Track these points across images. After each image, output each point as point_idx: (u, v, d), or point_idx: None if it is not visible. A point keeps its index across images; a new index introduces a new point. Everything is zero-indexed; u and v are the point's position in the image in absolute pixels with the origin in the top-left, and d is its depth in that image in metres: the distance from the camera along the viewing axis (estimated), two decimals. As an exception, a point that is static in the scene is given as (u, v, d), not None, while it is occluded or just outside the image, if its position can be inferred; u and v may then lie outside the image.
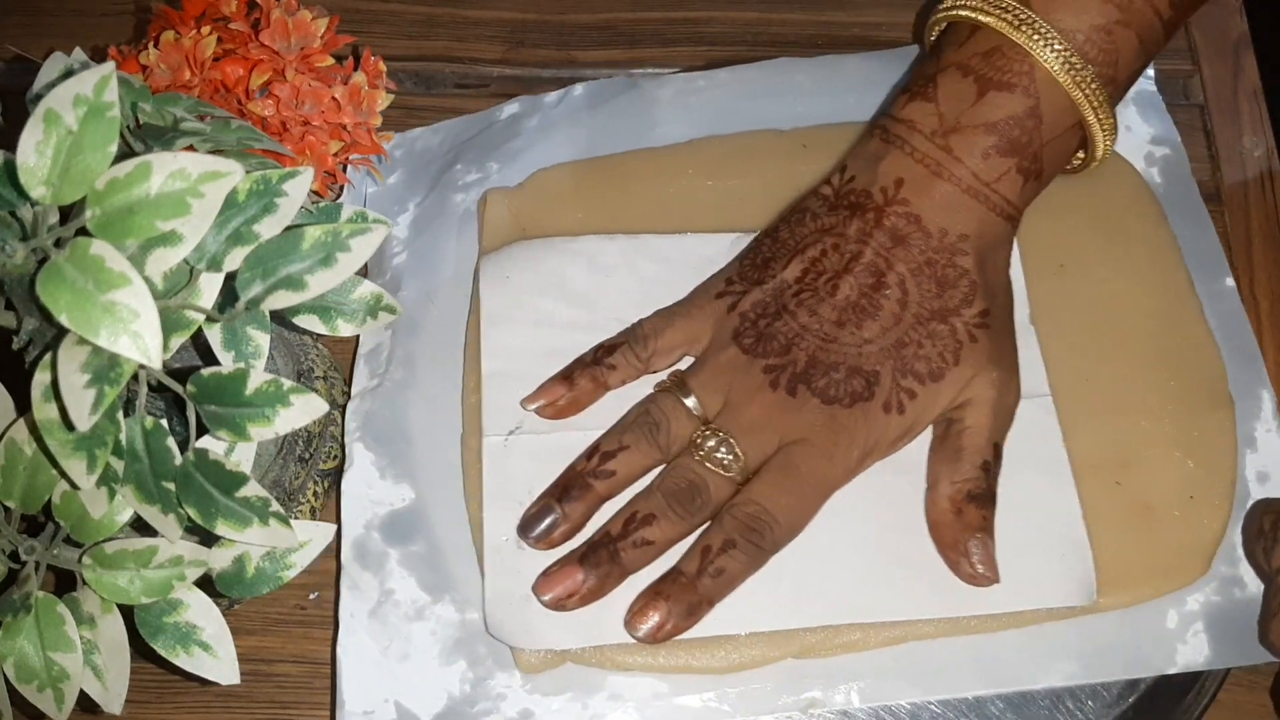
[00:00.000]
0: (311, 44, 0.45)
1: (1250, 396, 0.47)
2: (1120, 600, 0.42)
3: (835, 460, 0.41)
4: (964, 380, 0.42)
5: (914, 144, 0.42)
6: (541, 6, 0.59)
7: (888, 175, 0.43)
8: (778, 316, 0.42)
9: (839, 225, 0.43)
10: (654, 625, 0.39)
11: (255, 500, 0.33)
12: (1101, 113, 0.42)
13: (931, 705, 0.42)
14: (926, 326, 0.41)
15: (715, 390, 0.42)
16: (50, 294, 0.27)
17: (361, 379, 0.48)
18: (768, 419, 0.41)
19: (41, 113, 0.28)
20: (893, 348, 0.41)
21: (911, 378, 0.41)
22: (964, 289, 0.42)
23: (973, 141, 0.42)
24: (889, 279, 0.42)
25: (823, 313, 0.42)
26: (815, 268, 0.43)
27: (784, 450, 0.41)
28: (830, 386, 0.41)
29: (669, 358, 0.44)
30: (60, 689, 0.32)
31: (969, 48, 0.43)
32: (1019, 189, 0.42)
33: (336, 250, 0.33)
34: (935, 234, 0.42)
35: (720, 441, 0.41)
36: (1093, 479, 0.44)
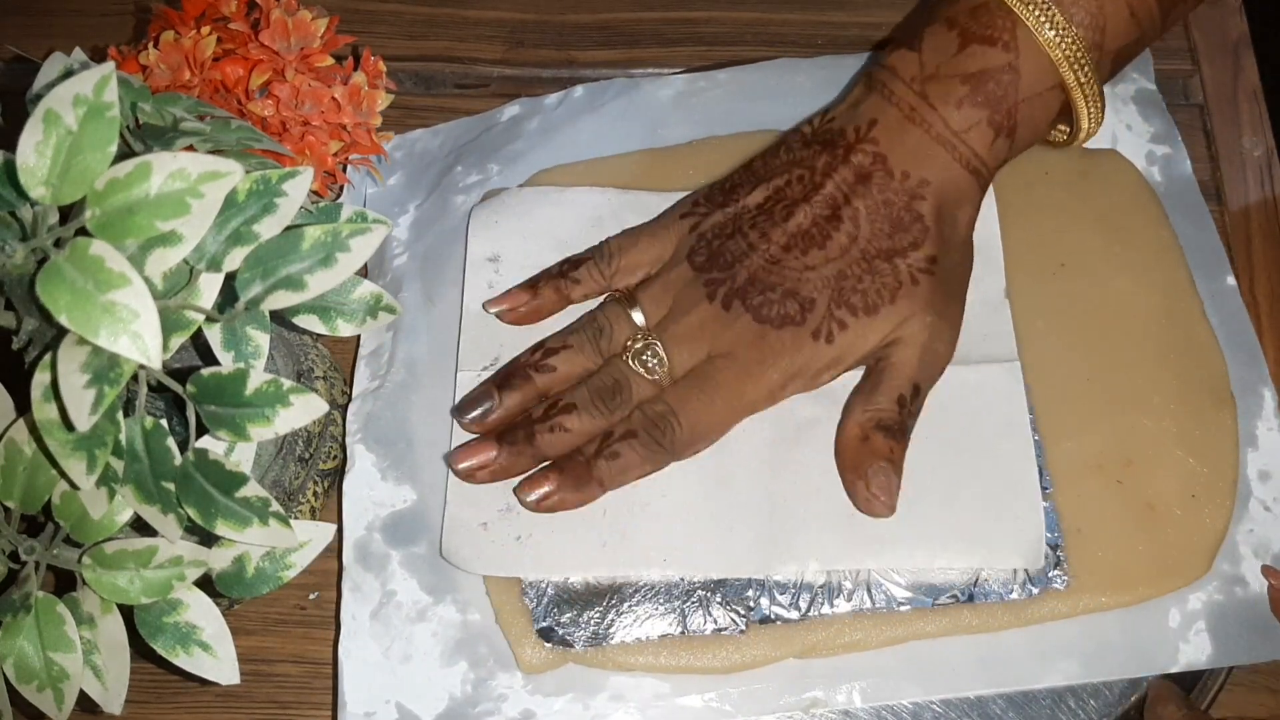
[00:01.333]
0: (311, 44, 0.45)
1: (1252, 395, 0.46)
2: (1122, 599, 0.42)
3: (754, 378, 0.42)
4: (897, 320, 0.42)
5: (893, 89, 0.43)
6: (541, 6, 0.59)
7: (863, 116, 0.43)
8: (730, 237, 0.43)
9: (808, 159, 0.44)
10: (542, 494, 0.41)
11: (255, 500, 0.33)
12: (1084, 78, 0.42)
13: (933, 705, 0.42)
14: (871, 263, 0.42)
15: (661, 303, 0.44)
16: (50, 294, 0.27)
17: (362, 380, 0.48)
18: (699, 330, 0.42)
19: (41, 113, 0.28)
20: (834, 278, 0.42)
21: (845, 309, 0.42)
22: (915, 232, 0.42)
23: (948, 90, 0.42)
24: (844, 213, 0.42)
25: (773, 236, 0.42)
26: (777, 195, 0.43)
27: (708, 361, 0.42)
28: (764, 305, 0.42)
29: (632, 275, 0.46)
30: (60, 689, 0.32)
31: (960, 3, 0.43)
32: (989, 143, 0.42)
33: (336, 250, 0.33)
34: (898, 176, 0.42)
35: (647, 346, 0.42)
36: (1095, 478, 0.44)
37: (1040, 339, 0.47)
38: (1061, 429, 0.45)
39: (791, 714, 0.42)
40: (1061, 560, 0.43)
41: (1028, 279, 0.48)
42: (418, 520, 0.45)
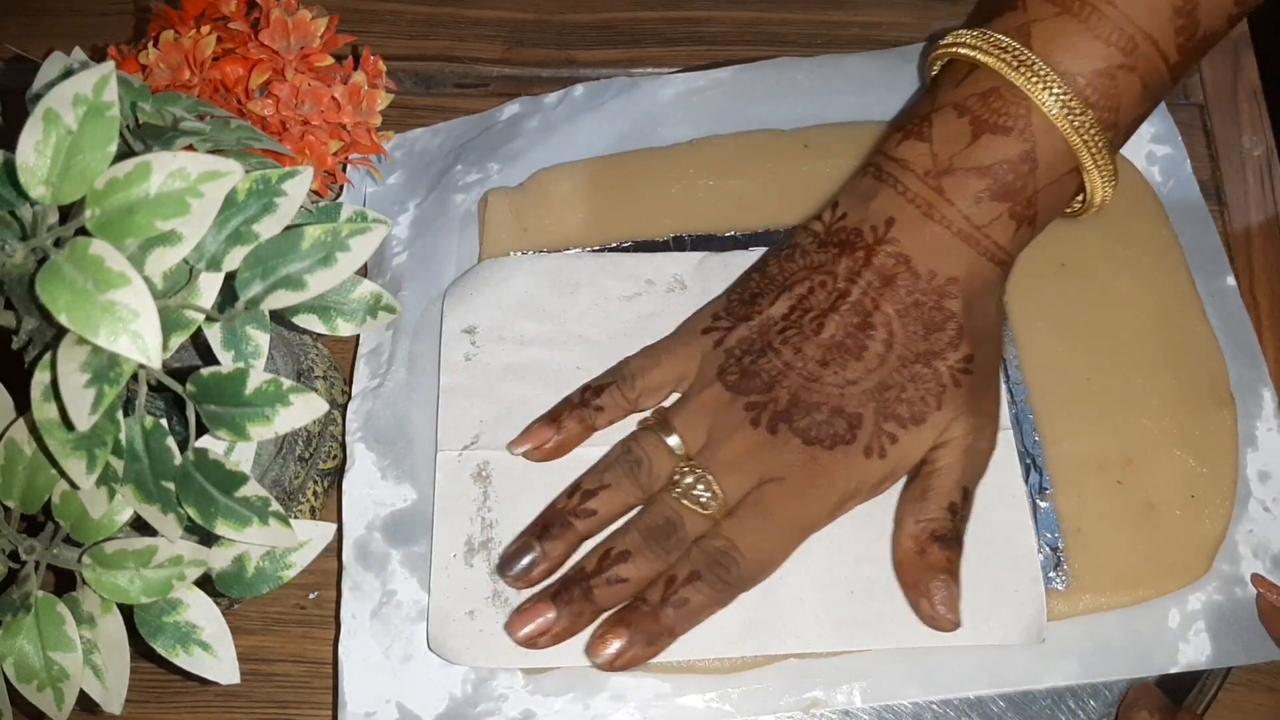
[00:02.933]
0: (311, 43, 0.45)
1: (1251, 395, 0.46)
2: (1122, 599, 0.42)
3: (811, 501, 0.40)
4: (944, 424, 0.41)
5: (906, 183, 0.41)
6: (541, 6, 0.59)
7: (879, 214, 0.42)
8: (762, 354, 0.41)
9: (828, 263, 0.42)
10: (614, 653, 0.39)
11: (255, 500, 0.33)
12: (1100, 158, 0.41)
13: (933, 704, 0.42)
14: (910, 369, 0.41)
15: (697, 427, 0.42)
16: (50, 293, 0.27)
17: (362, 379, 0.48)
18: (747, 457, 0.40)
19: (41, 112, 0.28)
20: (875, 390, 0.40)
21: (894, 421, 0.40)
22: (950, 332, 0.41)
23: (965, 184, 0.41)
24: (875, 319, 0.41)
25: (807, 351, 0.41)
26: (802, 305, 0.42)
27: (761, 488, 0.40)
28: (812, 427, 0.40)
29: (657, 396, 0.44)
30: (60, 689, 0.32)
31: (966, 87, 0.42)
32: (1011, 234, 0.41)
33: (336, 250, 0.33)
34: (924, 275, 0.41)
35: (698, 479, 0.40)
36: (1094, 478, 0.44)
37: (1040, 339, 0.47)
38: (1061, 429, 0.45)
39: (791, 714, 0.42)
40: (1061, 560, 0.43)
41: (1028, 279, 0.48)
42: (418, 519, 0.45)
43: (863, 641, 0.41)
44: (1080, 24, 0.40)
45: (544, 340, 0.47)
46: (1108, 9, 0.40)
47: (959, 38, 0.42)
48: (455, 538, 0.43)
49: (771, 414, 0.40)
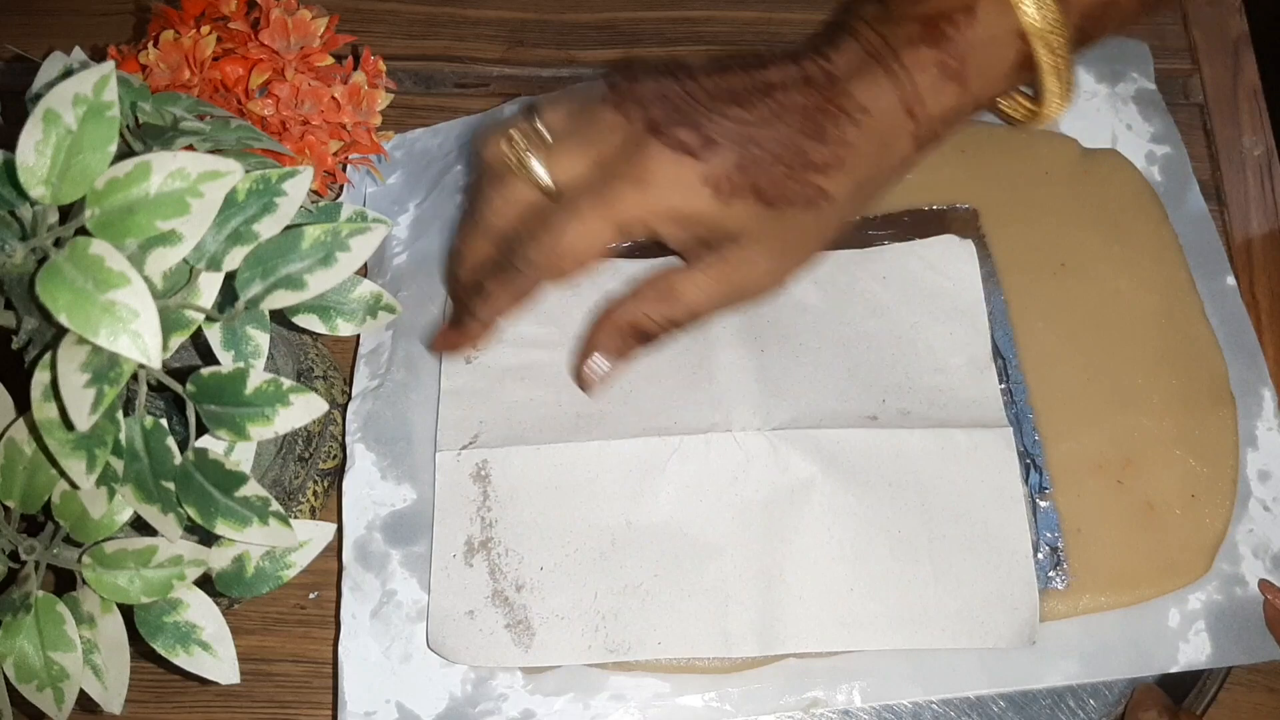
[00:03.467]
0: (311, 43, 0.45)
1: (1251, 395, 0.46)
2: (1122, 599, 0.42)
3: (625, 198, 0.39)
4: (761, 230, 0.40)
5: (858, 29, 0.41)
6: (541, 6, 0.59)
7: (826, 45, 0.41)
8: (665, 75, 0.40)
9: (767, 60, 0.41)
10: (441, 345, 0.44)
11: (255, 500, 0.33)
12: (1045, 20, 0.39)
13: (933, 704, 0.42)
14: (774, 149, 0.39)
15: (561, 109, 0.42)
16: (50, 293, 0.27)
17: (362, 379, 0.48)
18: (587, 123, 0.40)
19: (41, 112, 0.28)
20: (745, 139, 0.39)
21: (746, 178, 0.39)
22: (829, 155, 0.40)
23: (904, 31, 0.40)
24: (776, 94, 0.40)
25: (702, 80, 0.40)
26: (723, 71, 0.41)
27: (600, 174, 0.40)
28: (664, 119, 0.39)
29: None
30: (60, 688, 0.32)
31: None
32: (934, 84, 0.40)
33: (336, 250, 0.33)
34: (839, 91, 0.40)
35: (531, 132, 0.40)
36: (1095, 478, 0.44)
37: (1040, 339, 0.47)
38: (1061, 429, 0.45)
39: (791, 714, 0.42)
40: (1061, 560, 0.43)
41: (1028, 279, 0.48)
42: (418, 519, 0.45)
43: (862, 641, 0.41)
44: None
45: (545, 342, 0.47)
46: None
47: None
48: (455, 538, 0.43)
49: (629, 95, 0.40)
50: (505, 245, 0.41)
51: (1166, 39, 0.56)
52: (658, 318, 0.41)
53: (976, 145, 0.51)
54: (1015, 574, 0.42)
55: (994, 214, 0.50)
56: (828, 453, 0.43)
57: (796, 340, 0.46)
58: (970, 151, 0.51)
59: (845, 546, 0.42)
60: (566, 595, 0.42)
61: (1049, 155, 0.51)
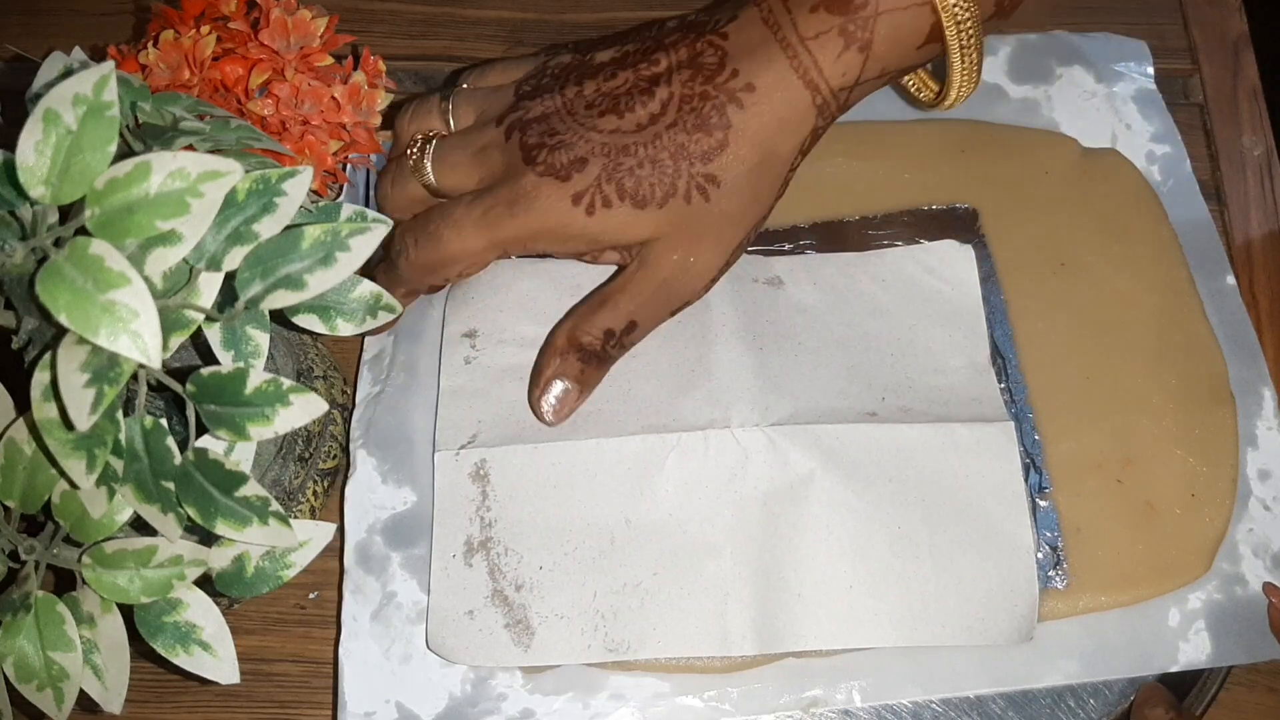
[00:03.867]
0: (311, 43, 0.45)
1: (1251, 394, 0.47)
2: (1122, 598, 0.42)
3: (506, 218, 0.41)
4: (657, 230, 0.40)
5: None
6: (541, 6, 0.59)
7: (729, 11, 0.41)
8: (557, 78, 0.42)
9: (666, 34, 0.42)
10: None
11: (255, 500, 0.33)
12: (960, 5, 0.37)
13: (933, 704, 0.42)
14: (657, 151, 0.39)
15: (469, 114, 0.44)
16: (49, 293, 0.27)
17: (365, 386, 0.48)
18: (475, 148, 0.42)
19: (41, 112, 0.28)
20: (615, 150, 0.40)
21: (614, 186, 0.40)
22: (713, 142, 0.39)
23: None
24: (658, 91, 0.40)
25: (585, 89, 0.41)
26: (622, 59, 0.42)
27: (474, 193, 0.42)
28: (537, 145, 0.40)
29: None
30: (60, 688, 0.32)
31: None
32: (836, 54, 0.38)
33: (336, 250, 0.33)
34: (726, 72, 0.39)
35: (423, 152, 0.43)
36: (1094, 477, 0.44)
37: (1040, 339, 0.47)
38: (1061, 429, 0.45)
39: (791, 714, 0.42)
40: (1061, 560, 0.43)
41: (1028, 279, 0.48)
42: (418, 522, 0.45)
43: (862, 639, 0.41)
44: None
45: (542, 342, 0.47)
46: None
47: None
48: (454, 538, 0.43)
49: (514, 120, 0.41)
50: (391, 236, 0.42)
51: (1166, 39, 0.56)
52: (595, 331, 0.42)
53: (976, 145, 0.51)
54: (1016, 570, 0.42)
55: (994, 214, 0.50)
56: (827, 448, 0.43)
57: (795, 339, 0.46)
58: (970, 151, 0.51)
59: (845, 543, 0.42)
60: (566, 594, 0.42)
61: (1049, 155, 0.51)
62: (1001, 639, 0.41)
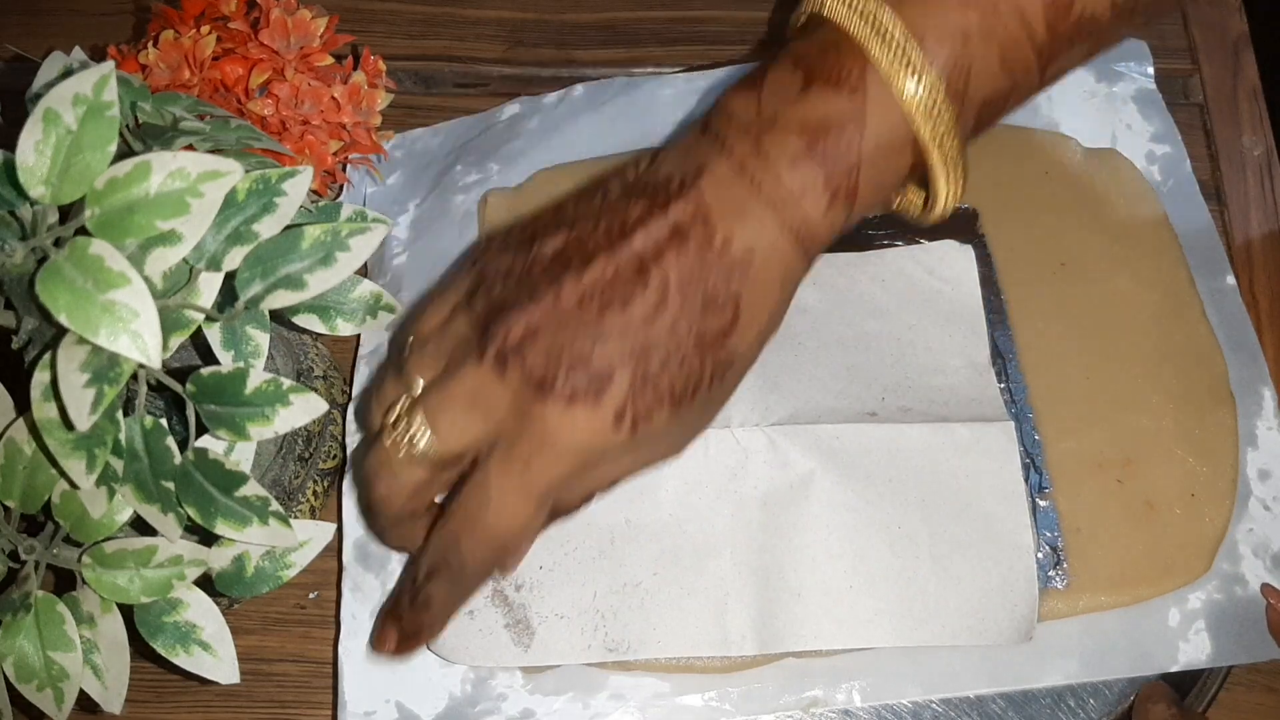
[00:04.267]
0: (311, 43, 0.45)
1: (1251, 394, 0.47)
2: (1122, 598, 0.42)
3: (539, 470, 0.35)
4: (694, 429, 0.37)
5: (727, 135, 0.36)
6: (541, 6, 0.59)
7: (691, 164, 0.36)
8: (516, 282, 0.36)
9: (623, 206, 0.37)
10: (389, 651, 0.37)
11: (255, 499, 0.33)
12: (941, 127, 0.35)
13: (933, 704, 0.42)
14: (677, 342, 0.35)
15: (432, 363, 0.37)
16: (50, 293, 0.27)
17: (362, 380, 0.48)
18: (471, 398, 0.35)
19: (41, 112, 0.28)
20: (637, 351, 0.35)
21: (650, 394, 0.35)
22: (725, 317, 0.36)
23: (784, 142, 0.35)
24: (652, 274, 0.35)
25: (565, 286, 0.35)
26: (579, 243, 0.36)
27: (486, 457, 0.35)
28: (546, 369, 0.34)
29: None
30: (60, 688, 0.32)
31: (809, 39, 0.36)
32: (824, 208, 0.36)
33: (336, 249, 0.33)
34: (718, 241, 0.35)
35: (409, 422, 0.35)
36: (1094, 477, 0.44)
37: (1040, 339, 0.47)
38: (1061, 428, 0.45)
39: (791, 713, 0.42)
40: (1061, 560, 0.43)
41: (1028, 279, 0.48)
42: (417, 520, 0.45)
43: (861, 638, 0.41)
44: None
45: None
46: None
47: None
48: None
49: (499, 347, 0.34)
50: (431, 547, 0.36)
51: (1166, 39, 0.56)
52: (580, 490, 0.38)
53: (976, 145, 0.51)
54: (1016, 569, 0.42)
55: (994, 214, 0.50)
56: (827, 448, 0.43)
57: (795, 339, 0.46)
58: (970, 151, 0.51)
59: (844, 543, 0.42)
60: (566, 594, 0.42)
61: (1049, 155, 0.51)
62: (1001, 639, 0.41)
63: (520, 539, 0.36)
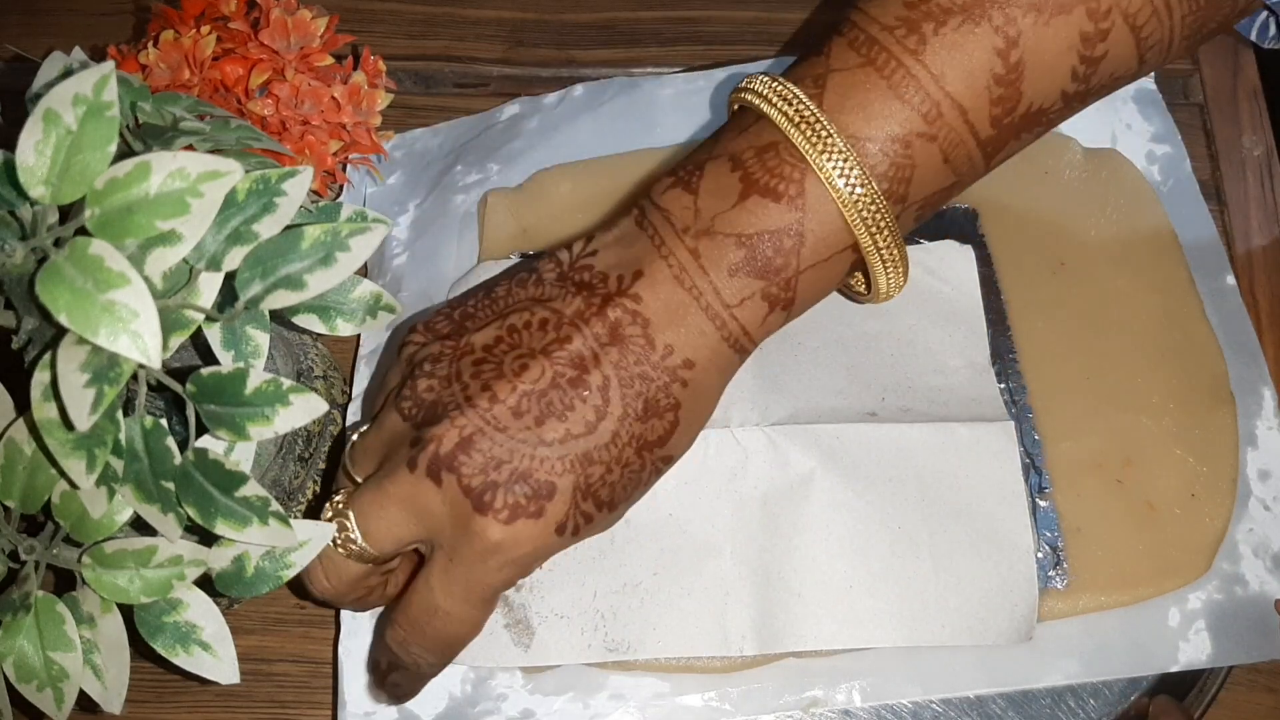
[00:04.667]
0: (311, 43, 0.45)
1: (1251, 394, 0.46)
2: (1122, 598, 0.42)
3: (483, 576, 0.35)
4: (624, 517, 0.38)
5: (664, 237, 0.36)
6: (541, 6, 0.59)
7: (628, 264, 0.36)
8: (446, 382, 0.35)
9: (557, 300, 0.36)
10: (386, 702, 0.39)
11: (255, 500, 0.33)
12: (881, 238, 0.35)
13: (933, 704, 0.42)
14: (620, 451, 0.35)
15: (368, 459, 0.37)
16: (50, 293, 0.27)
17: (362, 380, 0.48)
18: (401, 505, 0.35)
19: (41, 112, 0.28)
20: (578, 460, 0.34)
21: (591, 503, 0.35)
22: (665, 424, 0.36)
23: (723, 252, 0.35)
24: (591, 379, 0.35)
25: (500, 392, 0.35)
26: (511, 338, 0.36)
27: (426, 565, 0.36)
28: (486, 489, 0.34)
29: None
30: (60, 688, 0.32)
31: (747, 138, 0.36)
32: (761, 319, 0.36)
33: (336, 250, 0.33)
34: (659, 349, 0.35)
35: (338, 515, 0.36)
36: (1094, 477, 0.44)
37: (1040, 339, 0.47)
38: (1061, 428, 0.45)
39: (791, 713, 0.42)
40: (1061, 560, 0.43)
41: (1028, 279, 0.48)
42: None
43: (861, 639, 0.41)
44: (883, 80, 0.34)
45: None
46: (917, 68, 0.34)
47: (750, 83, 0.37)
48: None
49: (432, 457, 0.34)
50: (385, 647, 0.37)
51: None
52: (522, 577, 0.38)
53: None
54: (1016, 569, 0.42)
55: (994, 214, 0.50)
56: (827, 448, 0.43)
57: (794, 339, 0.46)
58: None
59: (845, 543, 0.42)
60: (566, 594, 0.42)
61: (1049, 155, 0.51)
62: (1001, 639, 0.41)
63: (470, 636, 0.37)
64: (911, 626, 0.41)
